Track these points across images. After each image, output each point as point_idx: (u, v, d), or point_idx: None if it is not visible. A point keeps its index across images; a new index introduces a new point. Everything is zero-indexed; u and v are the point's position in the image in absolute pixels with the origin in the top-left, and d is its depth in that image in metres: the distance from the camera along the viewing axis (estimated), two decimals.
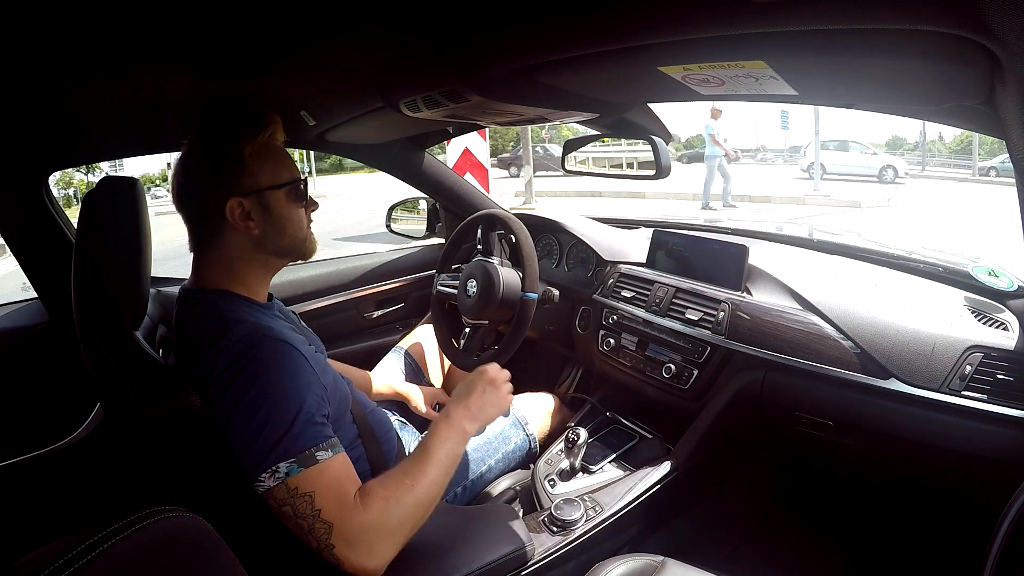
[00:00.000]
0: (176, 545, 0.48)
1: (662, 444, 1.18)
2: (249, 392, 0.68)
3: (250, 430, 0.67)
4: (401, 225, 1.83)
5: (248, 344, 0.71)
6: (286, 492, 0.67)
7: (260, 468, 0.66)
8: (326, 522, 0.67)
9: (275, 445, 0.67)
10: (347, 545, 0.67)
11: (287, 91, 0.96)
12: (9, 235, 1.15)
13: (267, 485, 0.66)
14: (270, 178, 0.80)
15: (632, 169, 1.28)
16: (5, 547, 0.44)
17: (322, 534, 0.67)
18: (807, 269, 1.15)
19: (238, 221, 0.78)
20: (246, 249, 0.81)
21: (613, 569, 0.77)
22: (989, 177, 13.23)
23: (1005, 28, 0.35)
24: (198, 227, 0.81)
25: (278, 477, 0.66)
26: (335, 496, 0.68)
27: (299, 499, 0.67)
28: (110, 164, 11.98)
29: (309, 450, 0.68)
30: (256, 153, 0.79)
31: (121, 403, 0.72)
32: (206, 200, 0.78)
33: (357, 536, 0.68)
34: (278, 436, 0.67)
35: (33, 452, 1.17)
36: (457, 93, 0.77)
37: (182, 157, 0.81)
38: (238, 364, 0.69)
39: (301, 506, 0.67)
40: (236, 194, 0.77)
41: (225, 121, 0.80)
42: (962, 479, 0.90)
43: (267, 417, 0.67)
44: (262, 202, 0.79)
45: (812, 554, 1.17)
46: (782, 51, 0.51)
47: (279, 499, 0.67)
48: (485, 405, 0.86)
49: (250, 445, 0.67)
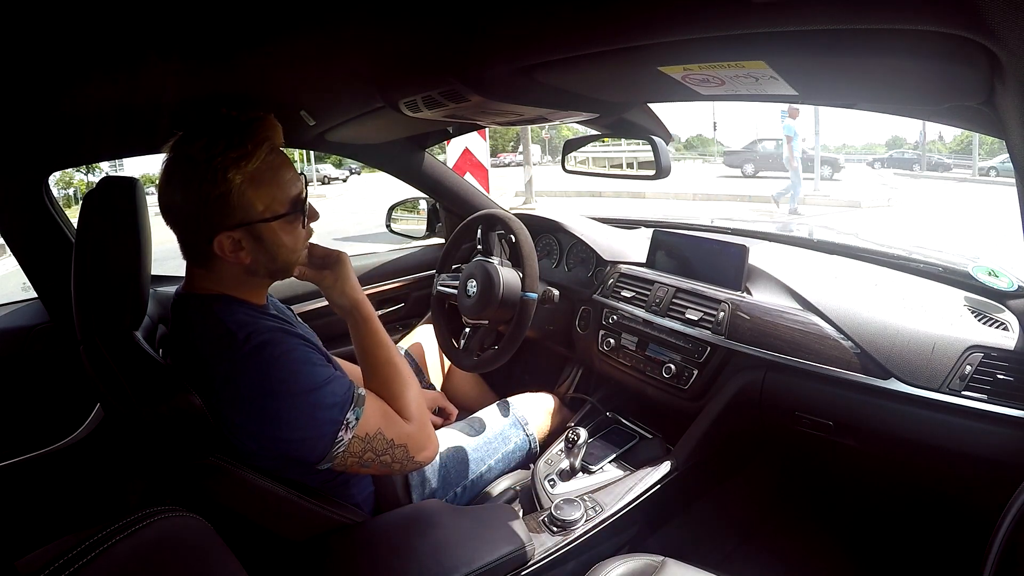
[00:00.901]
0: (176, 545, 0.48)
1: (662, 444, 1.18)
2: (285, 381, 0.71)
3: (307, 404, 0.71)
4: (401, 225, 1.84)
5: (259, 343, 0.71)
6: (361, 443, 0.74)
7: (335, 429, 0.72)
8: (401, 445, 0.78)
9: (333, 403, 0.72)
10: (419, 450, 0.81)
11: (287, 91, 0.96)
12: (9, 235, 1.15)
13: (345, 440, 0.72)
14: (264, 208, 0.72)
15: (632, 169, 1.28)
16: (5, 547, 0.44)
17: (403, 456, 0.78)
18: (807, 269, 1.15)
19: (227, 254, 0.72)
20: (238, 274, 0.76)
21: (613, 569, 0.77)
22: (989, 177, 13.25)
23: (1005, 28, 0.35)
24: (186, 247, 0.76)
25: (351, 427, 0.73)
26: (391, 421, 0.79)
27: (374, 440, 0.75)
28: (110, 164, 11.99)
29: (355, 393, 0.75)
30: (248, 181, 0.69)
31: (121, 403, 0.72)
32: (191, 232, 0.73)
33: (423, 437, 0.81)
34: (332, 395, 0.72)
35: (33, 452, 1.17)
36: (457, 93, 0.77)
37: (164, 172, 0.72)
38: (257, 365, 0.70)
39: (378, 444, 0.76)
40: (224, 228, 0.70)
41: (210, 144, 0.68)
42: (962, 479, 0.90)
43: (314, 387, 0.71)
44: (254, 233, 0.72)
45: (812, 554, 1.17)
46: (782, 51, 0.51)
47: (357, 452, 0.74)
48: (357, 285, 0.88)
49: (311, 416, 0.71)
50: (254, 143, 0.70)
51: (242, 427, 0.72)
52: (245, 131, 0.70)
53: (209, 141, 0.69)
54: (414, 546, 0.80)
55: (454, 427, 1.18)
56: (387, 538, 0.83)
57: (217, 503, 0.74)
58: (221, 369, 0.71)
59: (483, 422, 1.20)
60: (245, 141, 0.69)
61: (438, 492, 1.04)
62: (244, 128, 0.71)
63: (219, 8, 0.56)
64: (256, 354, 0.70)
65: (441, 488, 1.05)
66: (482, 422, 1.20)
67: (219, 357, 0.72)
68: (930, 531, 1.12)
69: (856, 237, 1.35)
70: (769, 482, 1.32)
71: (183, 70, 0.78)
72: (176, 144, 0.72)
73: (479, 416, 1.22)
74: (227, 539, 0.55)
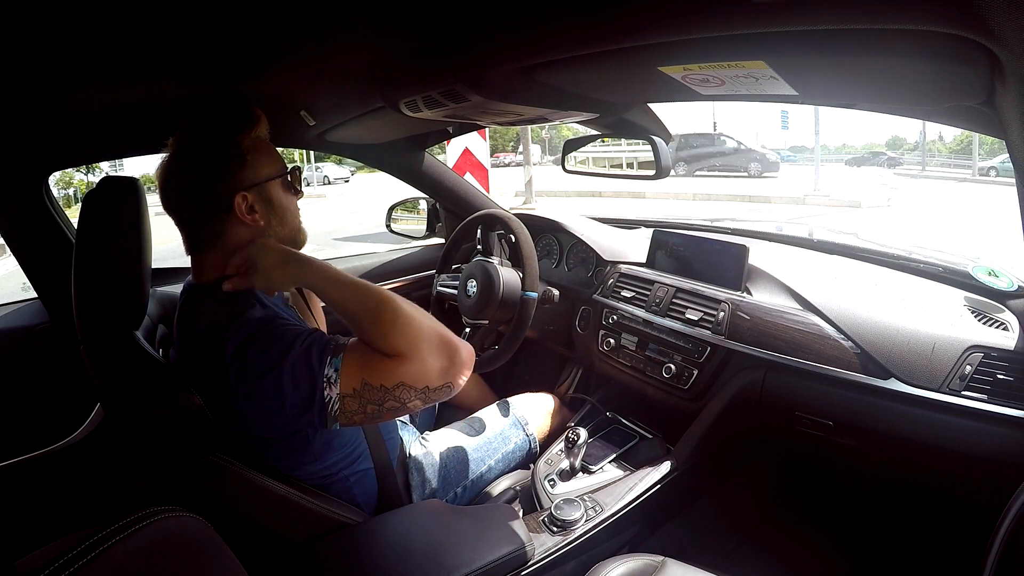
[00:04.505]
0: (176, 545, 0.48)
1: (662, 444, 1.18)
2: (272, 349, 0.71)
3: (286, 369, 0.69)
4: (401, 225, 1.84)
5: (263, 322, 0.73)
6: (353, 399, 0.70)
7: (316, 390, 0.69)
8: (396, 386, 0.70)
9: (307, 360, 0.69)
10: (423, 378, 0.70)
11: (287, 91, 0.96)
12: (9, 235, 1.15)
13: (334, 396, 0.69)
14: (268, 170, 0.82)
15: (632, 169, 1.28)
16: (5, 547, 0.44)
17: (406, 396, 0.70)
18: (807, 269, 1.15)
19: (244, 215, 0.79)
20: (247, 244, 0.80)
21: (613, 569, 0.77)
22: (989, 177, 13.25)
23: (1005, 28, 0.35)
24: (199, 227, 0.80)
25: (333, 382, 0.69)
26: (373, 367, 0.70)
27: (366, 392, 0.70)
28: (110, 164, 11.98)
29: (326, 342, 0.72)
30: (252, 147, 0.80)
31: (121, 403, 0.72)
32: (209, 198, 0.78)
33: (417, 369, 0.70)
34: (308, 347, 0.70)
35: (33, 452, 1.17)
36: (457, 93, 0.77)
37: (174, 158, 0.80)
38: (258, 337, 0.72)
39: (372, 395, 0.70)
40: (240, 189, 0.78)
41: (218, 117, 0.80)
42: (962, 479, 0.90)
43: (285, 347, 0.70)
44: (263, 195, 0.81)
45: (812, 554, 1.17)
46: (782, 51, 0.51)
47: (356, 409, 0.70)
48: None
49: (292, 381, 0.69)
50: (253, 117, 0.81)
51: (249, 415, 0.73)
52: (244, 105, 0.82)
53: (217, 116, 0.80)
54: (414, 546, 0.81)
55: (454, 427, 1.18)
56: (387, 538, 0.83)
57: (217, 503, 0.74)
58: (220, 355, 0.72)
59: (483, 422, 1.20)
60: (247, 112, 0.81)
61: (438, 492, 1.04)
62: (242, 103, 0.83)
63: (219, 9, 0.57)
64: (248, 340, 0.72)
65: (441, 488, 1.05)
66: (482, 422, 1.20)
67: (221, 344, 0.72)
68: (930, 531, 1.12)
69: (856, 237, 1.35)
70: (769, 482, 1.32)
71: (183, 71, 0.78)
72: (180, 135, 0.81)
73: (479, 416, 1.22)
74: (227, 539, 0.55)
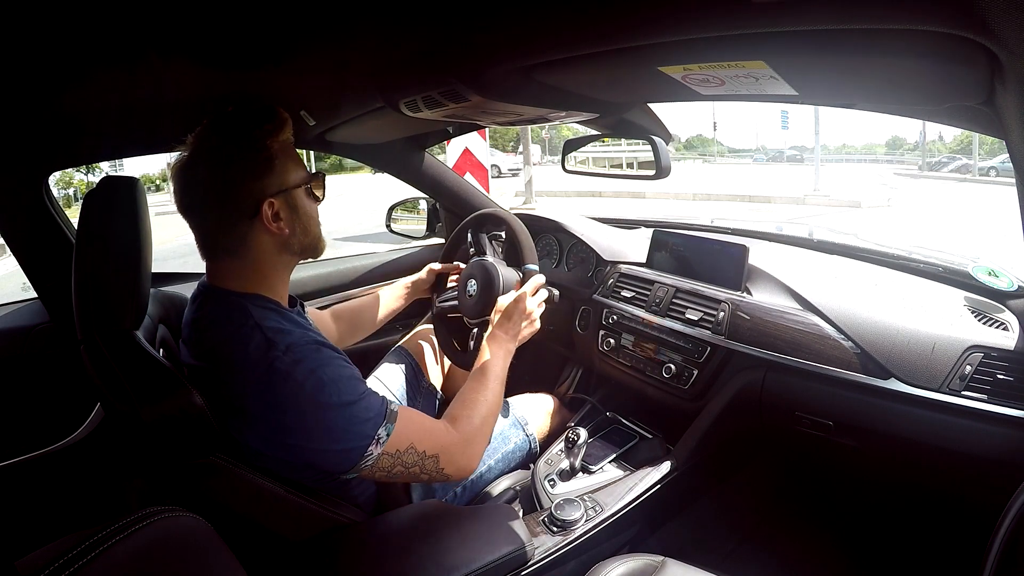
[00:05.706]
0: (176, 545, 0.48)
1: (662, 444, 1.18)
2: (322, 395, 0.71)
3: (341, 418, 0.72)
4: (401, 225, 1.83)
5: (298, 356, 0.72)
6: (390, 458, 0.75)
7: (366, 444, 0.72)
8: (433, 457, 0.78)
9: (367, 418, 0.73)
10: (454, 465, 0.81)
11: (287, 91, 0.96)
12: (9, 235, 1.15)
13: (375, 454, 0.73)
14: (295, 176, 0.79)
15: (632, 169, 1.28)
16: (5, 547, 0.44)
17: (432, 468, 0.79)
18: (807, 269, 1.15)
19: (270, 223, 0.76)
20: (272, 251, 0.79)
21: (613, 569, 0.77)
22: (989, 177, 13.25)
23: (1005, 28, 0.35)
24: (222, 232, 0.76)
25: (381, 442, 0.73)
26: (427, 433, 0.79)
27: (405, 455, 0.76)
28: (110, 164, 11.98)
29: (388, 409, 0.76)
30: (280, 150, 0.77)
31: (121, 403, 0.72)
32: (237, 202, 0.75)
33: (460, 453, 0.82)
34: (367, 411, 0.73)
35: (33, 452, 1.17)
36: (457, 93, 0.77)
37: (197, 158, 0.75)
38: (294, 377, 0.70)
39: (409, 458, 0.76)
40: (268, 194, 0.75)
41: (244, 117, 0.77)
42: (962, 479, 0.90)
43: (349, 402, 0.72)
44: (290, 202, 0.78)
45: (812, 554, 1.17)
46: (782, 51, 0.51)
47: (385, 467, 0.75)
48: (521, 329, 1.04)
49: (344, 430, 0.72)
50: (281, 119, 0.78)
51: (266, 436, 0.73)
52: (271, 111, 0.78)
53: (243, 116, 0.77)
54: (414, 546, 0.80)
55: None
56: (387, 538, 0.83)
57: (217, 503, 0.73)
58: (254, 375, 0.71)
59: None
60: (273, 113, 0.78)
61: (438, 492, 1.04)
62: (268, 107, 0.79)
63: (218, 9, 0.57)
64: (295, 367, 0.71)
65: (441, 488, 1.05)
66: None
67: (253, 363, 0.71)
68: (930, 531, 1.12)
69: (856, 237, 1.35)
70: (769, 482, 1.32)
71: (182, 71, 0.78)
72: (202, 133, 0.76)
73: None
74: (227, 539, 0.55)
